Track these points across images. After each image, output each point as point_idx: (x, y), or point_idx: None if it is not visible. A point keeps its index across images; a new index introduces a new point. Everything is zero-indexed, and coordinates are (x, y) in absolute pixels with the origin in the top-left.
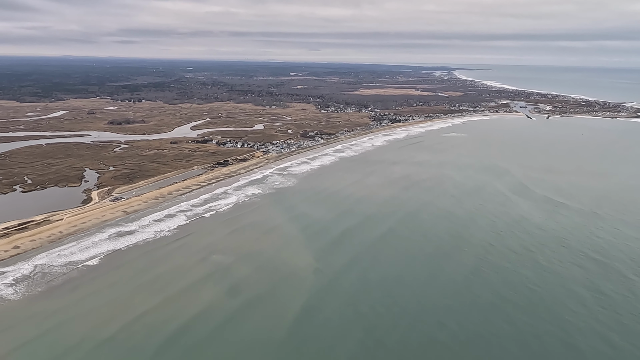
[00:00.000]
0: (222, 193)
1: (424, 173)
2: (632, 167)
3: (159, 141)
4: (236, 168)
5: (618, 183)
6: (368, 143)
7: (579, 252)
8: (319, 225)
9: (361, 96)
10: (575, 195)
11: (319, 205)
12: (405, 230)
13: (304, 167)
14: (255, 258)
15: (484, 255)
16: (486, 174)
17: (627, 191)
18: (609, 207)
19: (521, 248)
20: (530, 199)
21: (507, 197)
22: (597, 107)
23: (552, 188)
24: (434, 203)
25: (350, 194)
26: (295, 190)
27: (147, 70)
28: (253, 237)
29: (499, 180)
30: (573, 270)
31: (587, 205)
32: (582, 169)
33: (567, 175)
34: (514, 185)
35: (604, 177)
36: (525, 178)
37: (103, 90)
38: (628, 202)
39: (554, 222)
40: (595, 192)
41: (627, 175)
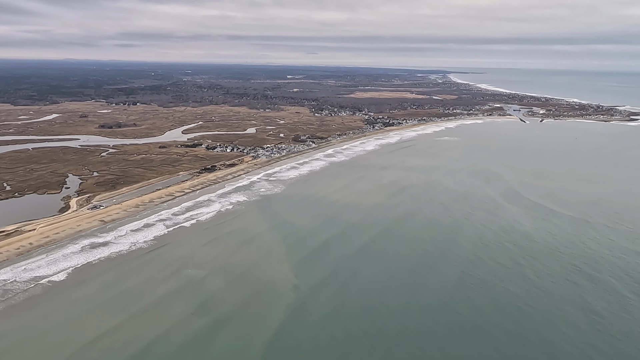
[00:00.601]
0: (205, 201)
1: (413, 179)
2: (625, 172)
3: (147, 145)
4: (223, 174)
5: (611, 189)
6: (360, 147)
7: (571, 265)
8: (300, 234)
9: (356, 99)
10: (567, 201)
11: (303, 213)
12: (388, 241)
13: (293, 173)
14: (230, 272)
15: (470, 269)
16: (477, 179)
17: (620, 197)
18: (602, 214)
19: (509, 261)
20: (521, 206)
21: (498, 204)
22: (590, 110)
23: (543, 194)
24: (421, 211)
25: (336, 200)
26: (280, 197)
27: (146, 73)
28: (230, 248)
29: (490, 185)
30: (564, 286)
31: (580, 212)
32: (575, 174)
33: (560, 180)
34: (505, 191)
35: (597, 183)
36: (517, 183)
37: (99, 94)
38: (621, 209)
39: (544, 231)
40: (588, 198)
41: (621, 180)
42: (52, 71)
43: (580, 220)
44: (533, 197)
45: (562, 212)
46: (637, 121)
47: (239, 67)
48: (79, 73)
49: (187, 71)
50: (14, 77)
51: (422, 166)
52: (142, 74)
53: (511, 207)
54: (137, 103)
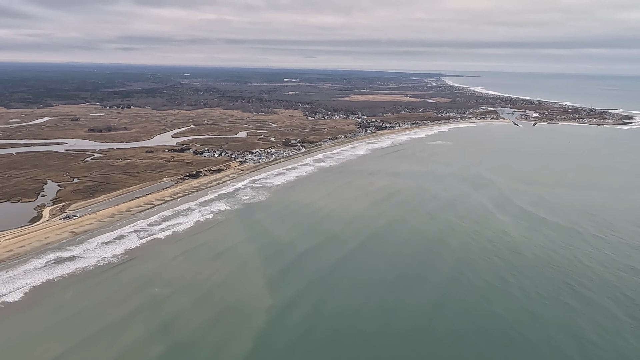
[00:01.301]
0: (185, 210)
1: (401, 185)
2: (618, 178)
3: (134, 150)
4: (207, 180)
5: (604, 196)
6: (350, 152)
7: (562, 283)
8: (276, 246)
9: (350, 102)
10: (559, 209)
11: (283, 222)
12: (367, 254)
13: (279, 179)
14: (197, 289)
15: (453, 288)
16: (467, 185)
17: (613, 205)
18: (595, 224)
19: (496, 278)
20: (511, 214)
21: (486, 212)
22: (583, 113)
23: (535, 201)
24: (405, 220)
25: (319, 209)
26: (263, 206)
27: (145, 76)
28: (202, 262)
29: (480, 192)
30: (555, 308)
31: (572, 221)
32: (568, 180)
33: (552, 186)
34: (495, 198)
35: (589, 189)
36: (508, 190)
37: (94, 97)
38: (613, 218)
39: (534, 244)
40: (580, 206)
41: (614, 186)
42: (53, 74)
43: (572, 230)
44: (524, 205)
45: (554, 220)
46: (630, 124)
47: (237, 70)
48: (78, 76)
49: (185, 74)
50: (13, 80)
51: (412, 172)
52: (140, 77)
53: (500, 216)
54: (131, 106)
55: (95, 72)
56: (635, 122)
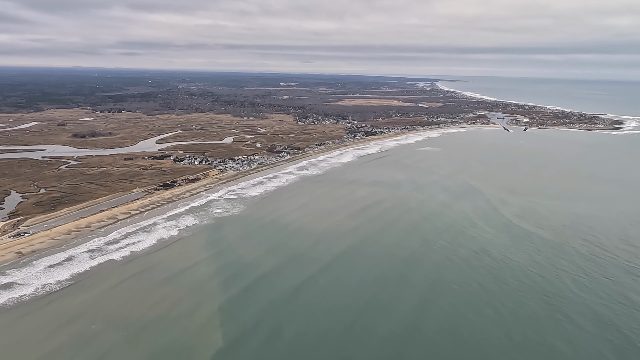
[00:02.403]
0: (149, 225)
1: (382, 195)
2: (608, 187)
3: (113, 157)
4: (181, 191)
5: (593, 208)
6: (336, 159)
7: (547, 319)
8: (236, 267)
9: (342, 107)
10: (545, 223)
11: (250, 239)
12: (334, 277)
13: (257, 190)
14: (136, 321)
15: (420, 320)
16: (451, 195)
17: (602, 218)
18: (583, 241)
19: (470, 309)
20: (494, 229)
21: (468, 226)
22: (573, 118)
23: (520, 213)
24: (380, 236)
25: (291, 222)
26: (233, 220)
27: (144, 80)
28: (151, 287)
29: (463, 203)
30: (538, 353)
31: (559, 237)
32: (557, 189)
33: (540, 196)
34: (479, 210)
35: (579, 200)
36: (494, 200)
37: (88, 101)
38: (602, 233)
39: (516, 265)
40: (568, 220)
41: (603, 197)
42: (54, 78)
43: (558, 248)
44: (509, 216)
45: (539, 236)
46: (620, 129)
47: (236, 74)
48: (78, 80)
49: (184, 78)
50: (12, 84)
51: (395, 180)
52: (139, 81)
53: (483, 230)
54: (122, 110)
55: (97, 76)
56: (625, 127)
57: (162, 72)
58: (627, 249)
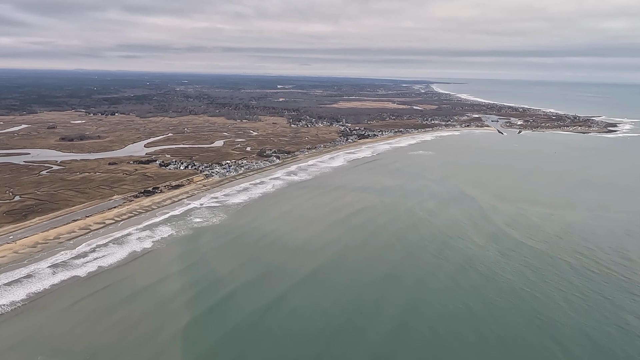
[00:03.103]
0: (122, 236)
1: (368, 202)
2: (601, 193)
3: (98, 161)
4: (162, 198)
5: (586, 217)
6: (326, 164)
7: (539, 347)
8: (206, 282)
9: (337, 109)
10: (537, 233)
11: (225, 250)
12: (307, 295)
13: (241, 197)
14: (83, 351)
15: (396, 349)
16: (441, 202)
17: (594, 228)
18: (575, 253)
19: (453, 334)
20: (483, 239)
21: (455, 236)
22: (567, 121)
23: (511, 222)
24: (361, 247)
25: (270, 232)
26: (212, 230)
27: (142, 83)
28: (109, 307)
29: (452, 210)
30: None
31: (550, 249)
32: (550, 196)
33: (533, 203)
34: (467, 218)
35: (573, 208)
36: (484, 207)
37: (83, 103)
38: (594, 244)
39: (504, 282)
40: (560, 229)
41: (603, 205)
42: (54, 80)
43: (549, 261)
44: (499, 225)
45: (529, 247)
46: (615, 132)
47: (235, 77)
48: (77, 82)
49: (183, 81)
50: (10, 86)
51: (385, 186)
52: (137, 84)
53: (470, 240)
54: (116, 113)
55: (96, 78)
56: (619, 130)
57: (162, 75)
58: (624, 263)
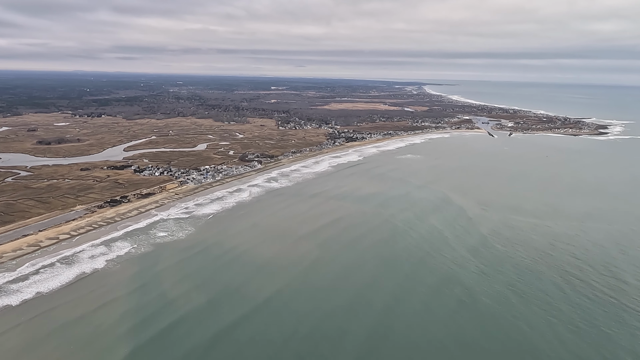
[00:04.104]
0: (73, 254)
1: (347, 211)
2: (598, 202)
3: (70, 167)
4: (128, 209)
5: (581, 228)
6: (310, 169)
7: None
8: (155, 306)
9: (328, 111)
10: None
11: (181, 270)
12: (261, 321)
13: (214, 207)
14: None
15: None
16: (424, 210)
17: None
18: (566, 271)
19: None
20: (465, 253)
21: (435, 250)
22: (558, 123)
23: (495, 232)
24: (331, 264)
25: (236, 246)
26: (175, 246)
27: (136, 84)
28: (34, 341)
29: (435, 219)
30: None
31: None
32: (540, 203)
33: (519, 212)
34: (448, 229)
35: (565, 218)
36: (467, 217)
37: (72, 105)
38: (590, 260)
39: (487, 305)
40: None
41: (593, 214)
42: (48, 82)
43: (535, 283)
44: (480, 238)
45: (515, 265)
46: (606, 135)
47: (231, 78)
48: (71, 84)
49: (178, 82)
50: (2, 87)
51: (368, 193)
52: (132, 85)
53: (451, 257)
54: (103, 115)
55: (92, 80)
56: (610, 132)
57: (159, 76)
58: (619, 286)
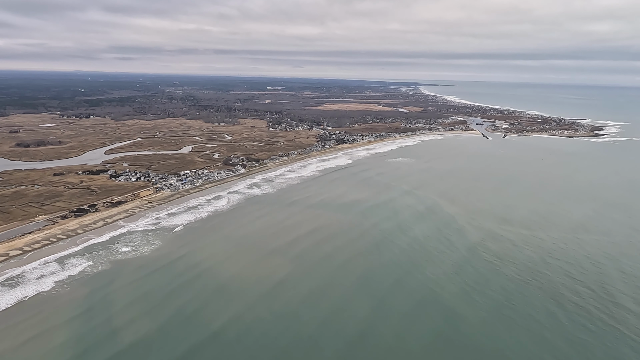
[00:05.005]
0: (20, 274)
1: (325, 221)
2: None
3: (44, 171)
4: (93, 219)
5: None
6: (295, 173)
7: None
8: (94, 337)
9: (321, 112)
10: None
11: (136, 291)
12: (213, 355)
13: (187, 217)
14: None
15: None
16: (408, 221)
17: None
18: (557, 291)
19: None
20: (447, 269)
21: (415, 267)
22: (553, 124)
23: (484, 248)
24: (298, 284)
25: (197, 264)
26: (135, 263)
27: (132, 84)
28: None
29: (419, 231)
30: None
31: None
32: (533, 213)
33: (512, 223)
34: (434, 242)
35: (557, 228)
36: (456, 227)
37: (62, 105)
38: (584, 278)
39: (467, 335)
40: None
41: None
42: (45, 82)
43: (522, 307)
44: (469, 253)
45: (501, 285)
46: (601, 137)
47: (228, 78)
48: (67, 84)
49: (175, 82)
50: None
51: (351, 200)
52: (128, 85)
53: (431, 275)
54: (91, 116)
55: (90, 80)
56: (606, 134)
57: (157, 76)
58: (618, 313)
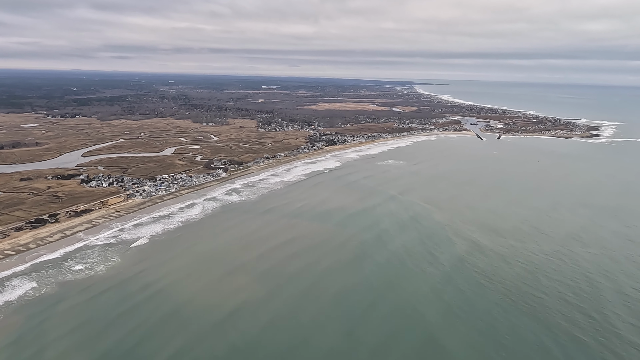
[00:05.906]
0: None
1: (301, 231)
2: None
3: (10, 175)
4: (50, 232)
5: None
6: (279, 177)
7: None
8: None
9: (313, 111)
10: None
11: (76, 319)
12: None
13: (154, 228)
14: None
15: None
16: (389, 231)
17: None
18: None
19: None
20: (427, 287)
21: (393, 285)
22: (548, 124)
23: (470, 263)
24: (258, 310)
25: (151, 283)
26: (85, 284)
27: (126, 83)
28: None
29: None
30: None
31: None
32: (525, 221)
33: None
34: (416, 257)
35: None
36: (440, 239)
37: (49, 105)
38: (578, 300)
39: None
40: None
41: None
42: (39, 80)
43: (512, 336)
44: (452, 269)
45: (485, 309)
46: (598, 137)
47: (224, 77)
48: (61, 82)
49: (170, 81)
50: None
51: (333, 207)
52: (121, 84)
53: (410, 297)
54: (77, 116)
55: (85, 79)
56: (602, 135)
57: (153, 75)
58: (621, 347)
